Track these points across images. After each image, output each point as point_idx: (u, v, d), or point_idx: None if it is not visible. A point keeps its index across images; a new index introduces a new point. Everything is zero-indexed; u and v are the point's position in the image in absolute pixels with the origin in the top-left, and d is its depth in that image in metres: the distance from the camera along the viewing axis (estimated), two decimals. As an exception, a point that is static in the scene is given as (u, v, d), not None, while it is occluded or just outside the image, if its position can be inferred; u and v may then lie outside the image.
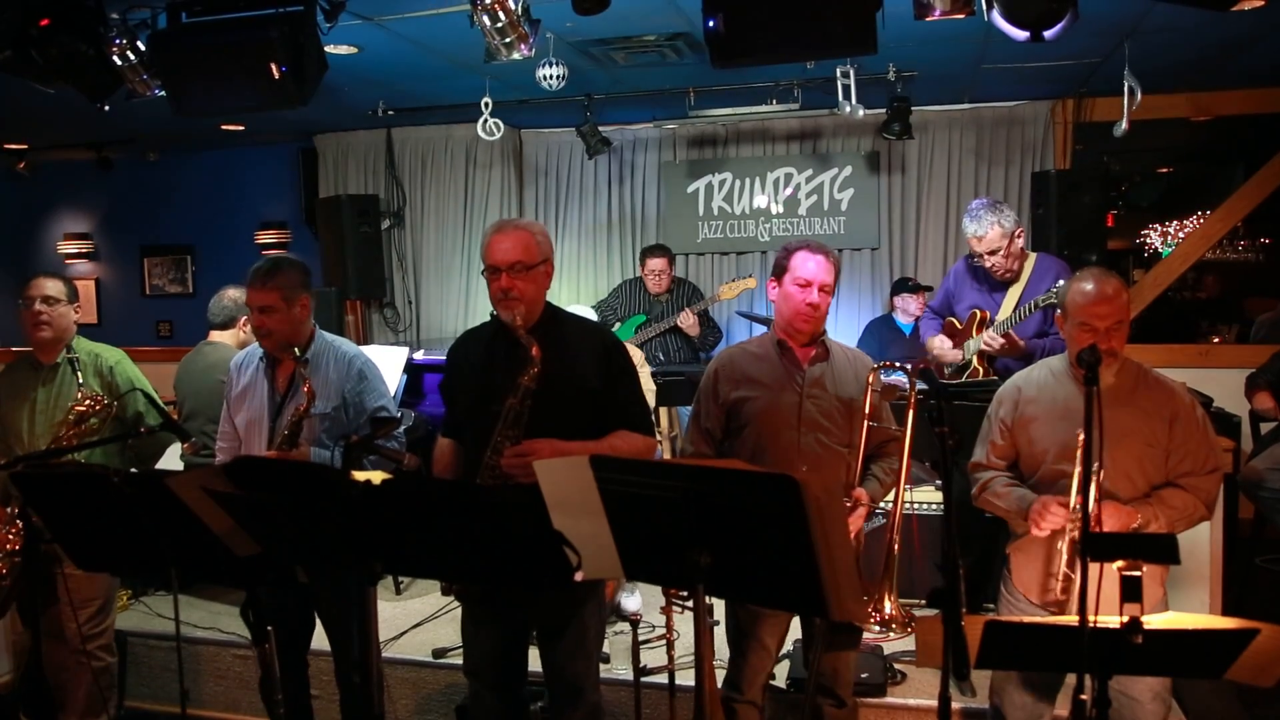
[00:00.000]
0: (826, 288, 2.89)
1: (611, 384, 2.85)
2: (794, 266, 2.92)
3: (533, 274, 2.78)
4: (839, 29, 3.46)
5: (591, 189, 7.46)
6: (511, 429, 2.71)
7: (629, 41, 5.04)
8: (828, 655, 2.96)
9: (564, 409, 2.77)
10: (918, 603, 4.35)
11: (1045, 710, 2.87)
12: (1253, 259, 12.63)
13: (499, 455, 2.69)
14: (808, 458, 2.88)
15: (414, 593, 4.84)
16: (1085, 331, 2.63)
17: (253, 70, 3.85)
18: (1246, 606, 4.72)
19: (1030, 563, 2.83)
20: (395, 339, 7.55)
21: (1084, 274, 2.74)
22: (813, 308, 2.87)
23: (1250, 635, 2.01)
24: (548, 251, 2.86)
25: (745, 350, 3.07)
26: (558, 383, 2.76)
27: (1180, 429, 2.68)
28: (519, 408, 2.70)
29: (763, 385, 2.93)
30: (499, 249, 2.78)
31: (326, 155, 7.76)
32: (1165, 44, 4.99)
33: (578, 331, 2.92)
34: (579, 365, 2.82)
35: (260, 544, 2.24)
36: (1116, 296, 2.63)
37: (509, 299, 2.75)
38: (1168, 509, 2.63)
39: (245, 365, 3.36)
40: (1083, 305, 2.65)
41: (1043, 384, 2.84)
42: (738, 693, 3.02)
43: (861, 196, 6.90)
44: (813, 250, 2.93)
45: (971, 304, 4.38)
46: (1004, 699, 2.88)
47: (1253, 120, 6.77)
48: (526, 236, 2.80)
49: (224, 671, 4.25)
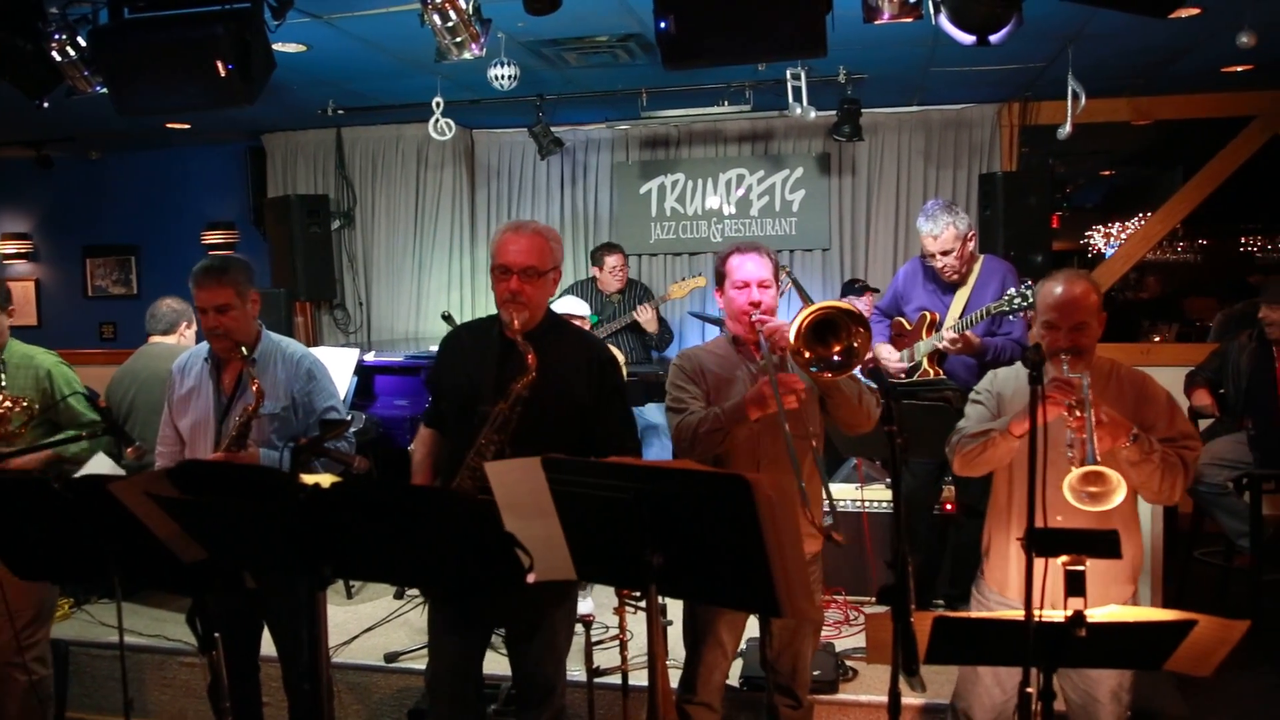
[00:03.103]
0: (766, 283, 2.90)
1: (602, 402, 2.85)
2: (731, 270, 2.94)
3: (542, 280, 2.78)
4: (789, 31, 3.48)
5: (544, 190, 7.43)
6: (498, 434, 2.69)
7: (581, 42, 5.03)
8: (786, 654, 2.98)
9: (551, 420, 2.76)
10: (868, 600, 4.42)
11: (1013, 709, 2.90)
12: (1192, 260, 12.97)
13: (483, 458, 2.67)
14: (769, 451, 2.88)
15: (365, 597, 4.80)
16: (1048, 329, 2.71)
17: (198, 68, 3.78)
18: (1185, 599, 4.84)
19: (1002, 561, 2.87)
20: (346, 340, 7.47)
21: (1056, 275, 2.81)
22: (755, 306, 2.87)
23: (1189, 627, 2.06)
24: (559, 259, 2.85)
25: (706, 351, 3.08)
26: (548, 393, 2.74)
27: (1149, 407, 2.76)
28: (508, 414, 2.69)
29: (726, 382, 2.94)
30: (513, 249, 2.75)
31: (275, 154, 7.65)
32: (1107, 49, 5.10)
33: (574, 344, 2.91)
34: (571, 378, 2.81)
35: (207, 549, 2.20)
36: (1084, 298, 2.70)
37: (516, 302, 2.73)
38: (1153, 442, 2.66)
39: (188, 368, 3.31)
40: (1049, 305, 2.73)
41: (1014, 378, 2.90)
42: (692, 694, 3.01)
43: (812, 198, 6.96)
44: (744, 251, 2.94)
45: (921, 305, 4.43)
46: (971, 702, 2.91)
47: (1191, 124, 6.94)
48: (542, 242, 2.78)
49: (170, 680, 4.18)
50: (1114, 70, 5.65)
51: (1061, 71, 5.21)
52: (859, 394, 2.82)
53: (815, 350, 2.65)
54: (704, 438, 2.79)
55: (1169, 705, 3.61)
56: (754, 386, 2.74)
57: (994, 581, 2.91)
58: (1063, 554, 2.17)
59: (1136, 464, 2.59)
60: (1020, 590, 2.79)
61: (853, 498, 4.50)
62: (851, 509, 4.46)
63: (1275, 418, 4.72)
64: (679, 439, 2.87)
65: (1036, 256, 5.83)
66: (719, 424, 2.77)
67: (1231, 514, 4.82)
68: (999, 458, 2.74)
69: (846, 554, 4.34)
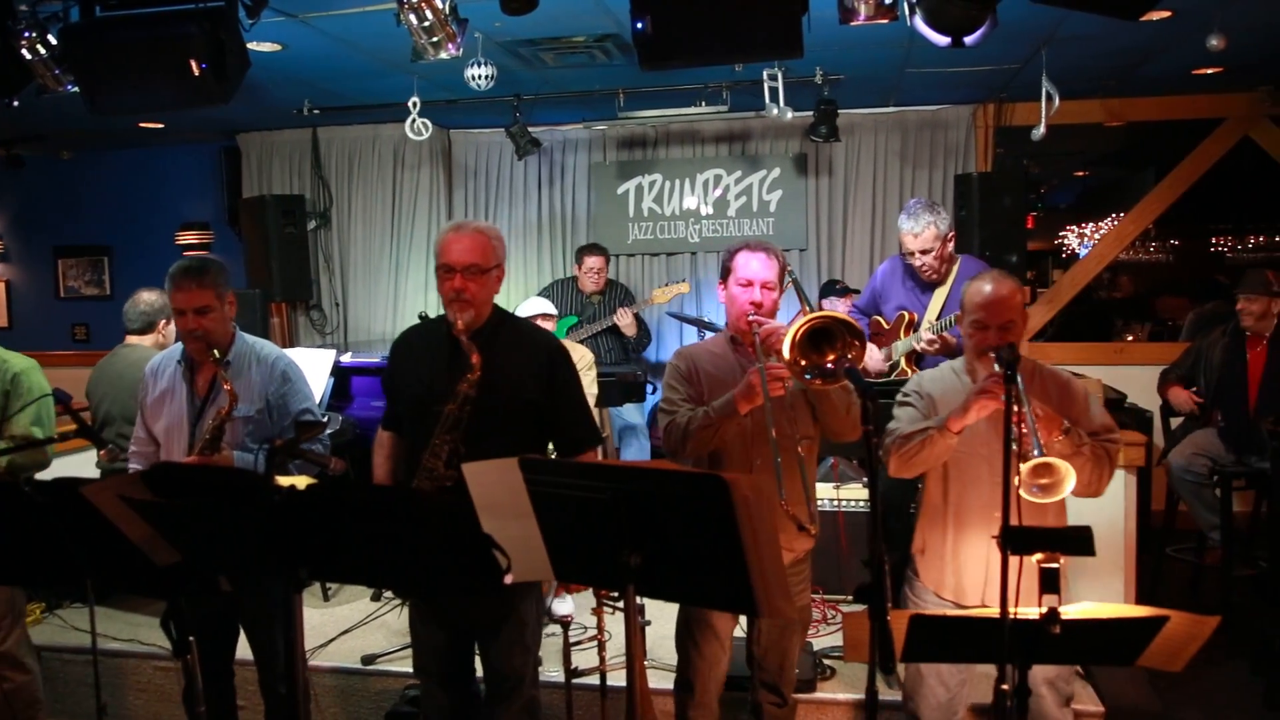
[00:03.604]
0: (770, 285, 2.90)
1: (553, 396, 2.87)
2: (736, 267, 2.94)
3: (485, 277, 2.82)
4: (765, 32, 3.49)
5: (521, 190, 7.42)
6: (449, 434, 2.73)
7: (558, 42, 5.03)
8: (774, 651, 2.98)
9: (504, 416, 2.80)
10: (845, 599, 4.44)
11: (960, 706, 2.94)
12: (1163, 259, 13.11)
13: (438, 459, 2.73)
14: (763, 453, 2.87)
15: (342, 599, 4.77)
16: (979, 329, 2.77)
17: (172, 67, 3.75)
18: (1159, 595, 4.90)
19: (939, 560, 2.90)
20: (322, 341, 7.42)
21: (982, 275, 2.88)
22: (756, 306, 2.88)
23: (1161, 623, 2.08)
24: (501, 256, 2.90)
25: (703, 349, 3.08)
26: (499, 392, 2.78)
27: (1072, 403, 2.83)
28: (458, 413, 2.73)
29: (722, 382, 2.93)
30: (455, 249, 2.80)
31: (250, 154, 7.59)
32: (1080, 51, 5.15)
33: (523, 339, 2.94)
34: (521, 373, 2.85)
35: (181, 552, 2.18)
36: (1011, 297, 2.75)
37: (460, 300, 2.77)
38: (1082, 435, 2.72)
39: (161, 369, 3.27)
40: (978, 304, 2.78)
41: (944, 379, 2.95)
42: (691, 695, 3.00)
43: (789, 198, 6.98)
44: (754, 249, 2.94)
45: (899, 304, 4.45)
46: (918, 700, 2.93)
47: (1162, 126, 7.02)
48: (483, 240, 2.83)
49: (144, 685, 4.14)
50: (1087, 72, 5.70)
51: (1035, 73, 5.25)
52: (849, 405, 2.83)
53: (810, 358, 2.66)
54: (695, 434, 2.80)
55: (1141, 700, 3.65)
56: (743, 379, 2.75)
57: (930, 581, 2.94)
58: (1037, 552, 2.18)
59: (1068, 457, 2.63)
60: (956, 590, 2.85)
61: (830, 497, 4.52)
62: (828, 508, 4.48)
63: (1244, 409, 4.81)
64: (668, 439, 2.89)
65: (1011, 256, 5.87)
66: (709, 420, 2.78)
67: (1208, 506, 4.89)
68: (936, 456, 2.77)
69: (823, 553, 4.35)
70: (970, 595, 2.85)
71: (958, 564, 2.86)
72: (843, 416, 2.84)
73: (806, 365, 2.65)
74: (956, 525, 2.86)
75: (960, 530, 2.85)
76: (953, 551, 2.87)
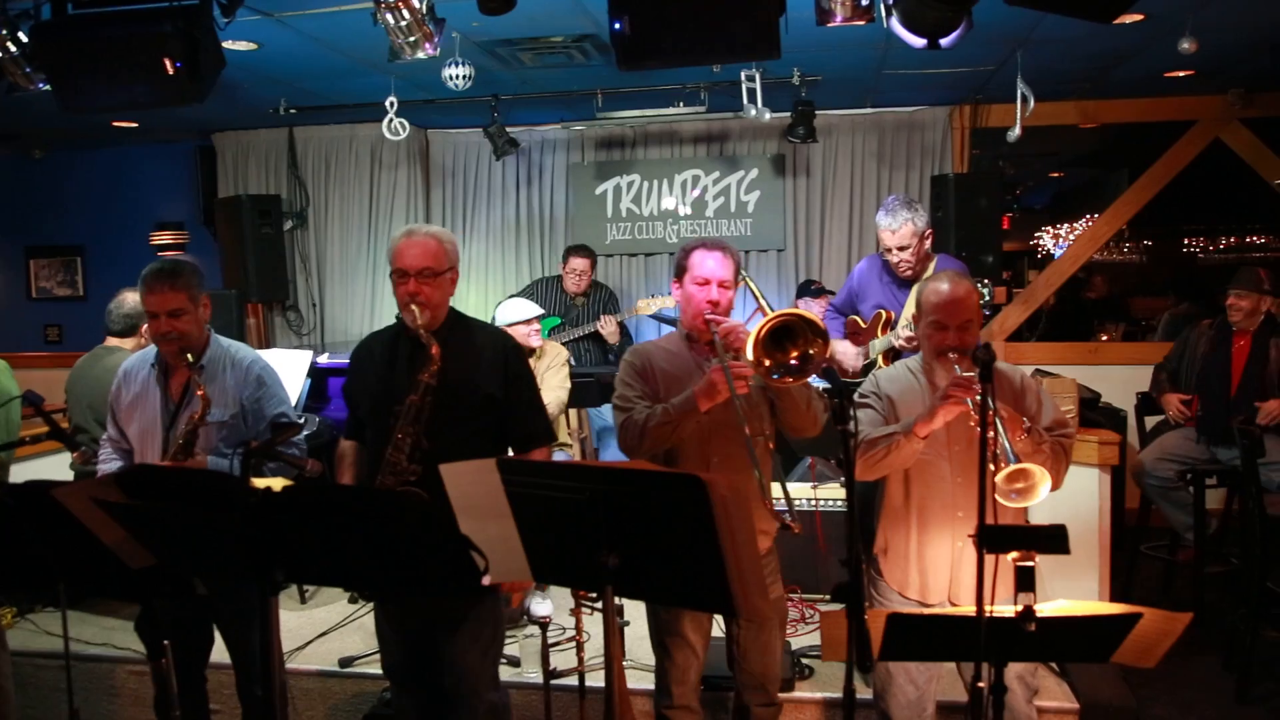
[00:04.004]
0: (726, 283, 2.89)
1: (510, 390, 2.94)
2: (692, 265, 2.93)
3: (439, 280, 2.87)
4: (743, 33, 3.50)
5: (499, 190, 7.40)
6: (411, 425, 2.79)
7: (536, 42, 5.02)
8: (754, 650, 2.96)
9: (463, 413, 2.86)
10: (823, 598, 4.45)
11: (929, 704, 2.96)
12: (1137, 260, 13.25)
13: (401, 452, 2.78)
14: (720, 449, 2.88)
15: (319, 601, 4.74)
16: (938, 329, 2.80)
17: (145, 65, 3.72)
18: (1133, 592, 4.94)
19: (902, 560, 2.92)
20: (299, 342, 7.38)
21: (938, 276, 2.92)
22: (713, 305, 2.87)
23: (1134, 619, 2.10)
24: (454, 259, 2.96)
25: (658, 347, 3.07)
26: (458, 387, 2.85)
27: (1026, 399, 2.87)
28: (419, 404, 2.79)
29: (677, 379, 2.93)
30: (408, 254, 2.85)
31: (225, 154, 7.54)
32: (1055, 53, 5.19)
33: (480, 337, 3.00)
34: (479, 370, 2.91)
35: (155, 555, 2.17)
36: (967, 297, 2.80)
37: (416, 302, 2.83)
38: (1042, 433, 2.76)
39: (135, 372, 3.25)
40: (935, 305, 2.81)
41: (901, 379, 2.97)
42: (669, 698, 2.98)
43: (767, 198, 7.00)
44: (709, 247, 2.94)
45: (877, 302, 4.47)
46: (888, 699, 2.95)
47: (1136, 128, 7.09)
48: (435, 244, 2.89)
49: (118, 689, 4.10)
50: (1061, 74, 5.75)
51: (1011, 75, 5.29)
52: (808, 399, 2.84)
53: (774, 357, 2.66)
54: (652, 432, 2.79)
55: (1116, 696, 3.68)
56: (704, 377, 2.74)
57: (894, 581, 2.95)
58: (1013, 550, 2.20)
59: (1029, 455, 2.66)
60: (921, 589, 2.87)
61: (807, 496, 4.53)
62: (806, 508, 4.49)
63: (1224, 397, 4.88)
64: (625, 436, 2.88)
65: (987, 257, 5.91)
66: (668, 417, 2.77)
67: (1178, 507, 4.95)
68: (903, 461, 2.79)
69: (801, 553, 4.37)
70: (934, 594, 2.87)
71: (922, 563, 2.88)
72: (803, 412, 2.85)
73: (771, 365, 2.66)
74: (919, 525, 2.88)
75: (923, 529, 2.86)
76: (916, 551, 2.88)
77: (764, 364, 2.64)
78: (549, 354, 5.04)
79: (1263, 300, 4.92)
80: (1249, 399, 4.81)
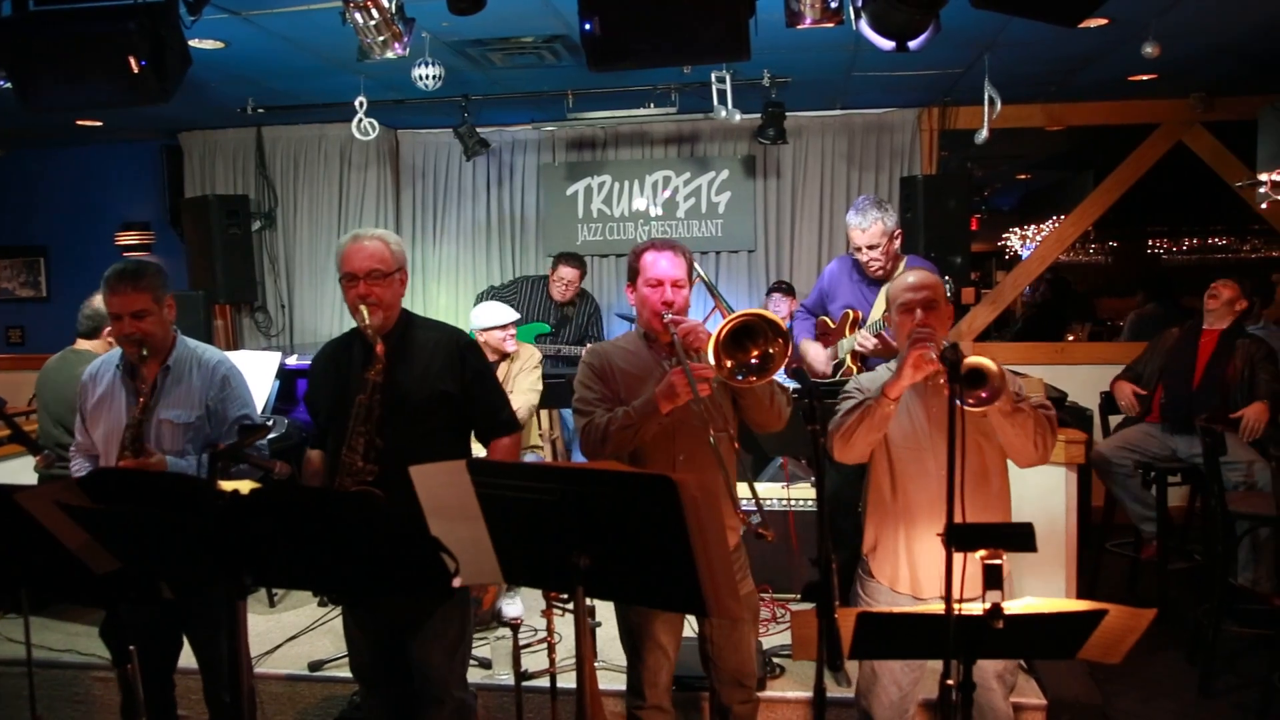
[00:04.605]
0: (680, 283, 2.89)
1: (469, 385, 2.95)
2: (644, 267, 2.93)
3: (388, 281, 2.90)
4: (713, 35, 3.50)
5: (470, 191, 7.37)
6: (363, 425, 2.80)
7: (506, 43, 5.01)
8: (728, 647, 2.96)
9: (417, 412, 2.88)
10: (794, 597, 4.48)
11: (911, 705, 2.98)
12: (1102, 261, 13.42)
13: (355, 452, 2.79)
14: (685, 447, 2.89)
15: (289, 605, 4.70)
16: (905, 313, 2.84)
17: (109, 63, 3.66)
18: (1098, 589, 5.00)
19: (892, 556, 2.93)
20: (267, 344, 7.31)
21: (904, 272, 3.01)
22: (668, 305, 2.86)
23: (1100, 616, 2.12)
24: (403, 260, 2.98)
25: (617, 347, 3.06)
26: (411, 386, 2.88)
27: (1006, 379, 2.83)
28: (368, 403, 2.80)
29: (637, 379, 2.93)
30: (355, 258, 2.89)
31: (192, 153, 7.46)
32: (1022, 57, 5.25)
33: (432, 335, 3.01)
34: (433, 369, 2.92)
35: (120, 560, 2.14)
36: (930, 281, 2.87)
37: (367, 304, 2.85)
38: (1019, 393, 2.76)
39: (100, 375, 3.21)
40: (901, 289, 2.88)
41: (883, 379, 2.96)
42: (641, 700, 2.98)
43: (738, 199, 7.02)
44: (659, 248, 2.93)
45: (846, 302, 4.49)
46: (871, 699, 2.97)
47: (1100, 130, 7.18)
48: (382, 247, 2.92)
49: (82, 696, 4.04)
50: (1028, 77, 5.81)
51: (978, 78, 5.34)
52: (771, 395, 2.85)
53: (735, 357, 2.67)
54: (614, 435, 2.78)
55: (1082, 692, 3.73)
56: (664, 379, 2.74)
57: (885, 577, 2.96)
58: (981, 548, 2.22)
59: (1010, 415, 2.66)
60: (912, 583, 2.89)
61: (778, 496, 4.55)
62: (777, 508, 4.51)
63: (1186, 387, 4.98)
64: (587, 440, 2.86)
65: (956, 258, 5.97)
66: (630, 420, 2.76)
67: (1135, 498, 5.04)
68: (876, 425, 2.78)
69: (772, 552, 4.38)
70: (927, 588, 2.87)
71: (912, 558, 2.89)
72: (767, 408, 2.86)
73: (734, 365, 2.66)
74: (907, 520, 2.89)
75: (911, 525, 2.87)
76: (906, 546, 2.89)
77: (725, 365, 2.65)
78: (522, 355, 5.02)
79: (1240, 300, 5.05)
80: (1209, 393, 4.90)
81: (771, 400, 2.85)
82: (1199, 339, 5.11)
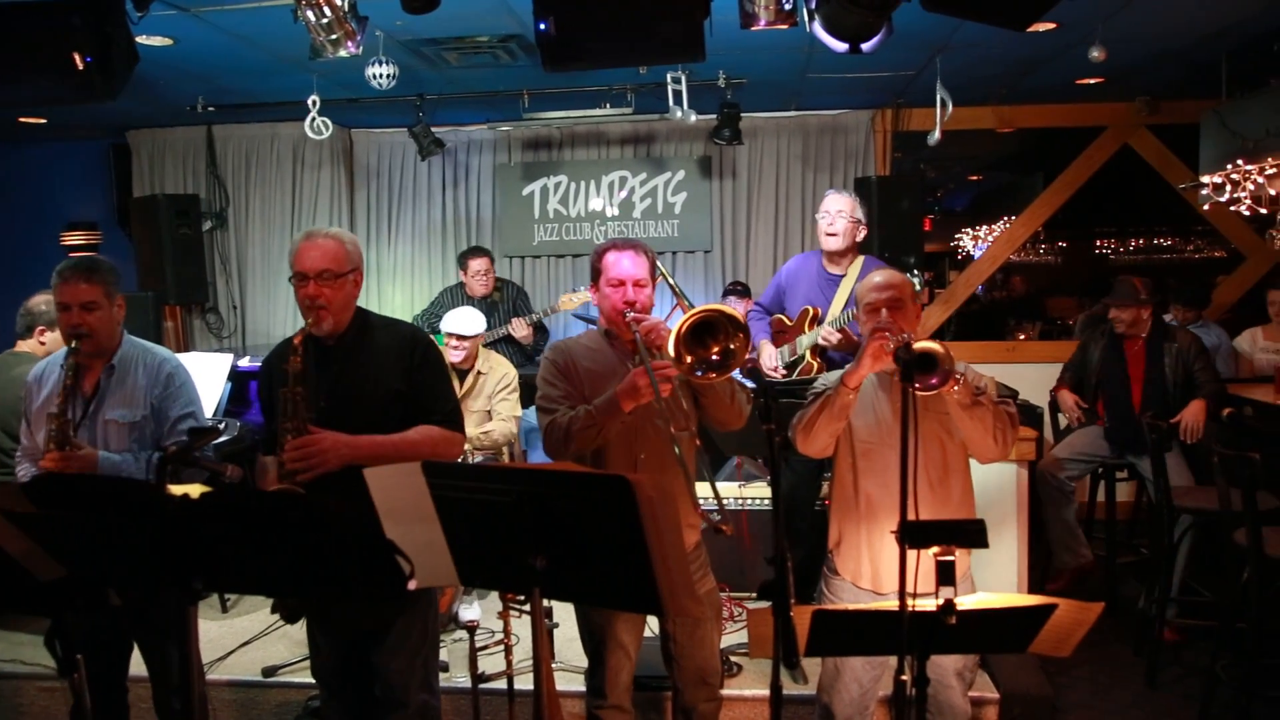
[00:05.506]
0: (642, 282, 2.89)
1: (410, 377, 2.88)
2: (606, 267, 2.93)
3: (341, 282, 2.83)
4: (668, 35, 3.52)
5: (425, 191, 7.32)
6: (291, 421, 2.73)
7: (461, 42, 4.98)
8: (691, 645, 2.96)
9: (369, 414, 2.82)
10: (750, 596, 4.50)
11: (871, 702, 3.01)
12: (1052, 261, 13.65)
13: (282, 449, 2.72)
14: (646, 446, 2.89)
15: (241, 610, 4.64)
16: (871, 312, 2.87)
17: (53, 60, 3.60)
18: (1048, 584, 5.08)
19: (855, 552, 2.96)
20: (219, 345, 7.20)
21: (872, 272, 3.05)
22: (630, 305, 2.86)
23: (1049, 610, 2.16)
24: (358, 260, 2.91)
25: (580, 344, 3.05)
26: (362, 387, 2.83)
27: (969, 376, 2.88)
28: (291, 396, 2.73)
29: (600, 377, 2.92)
30: (307, 257, 2.82)
31: (141, 152, 7.33)
32: (973, 59, 5.32)
33: (385, 336, 2.95)
34: (384, 367, 2.87)
35: (65, 566, 2.09)
36: (897, 280, 2.92)
37: (316, 306, 2.79)
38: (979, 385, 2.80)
39: (45, 376, 3.15)
40: (868, 289, 2.93)
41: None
42: (602, 699, 2.97)
43: (694, 200, 7.05)
44: (620, 248, 2.93)
45: (805, 299, 4.54)
46: (832, 696, 2.99)
47: (1050, 133, 7.31)
48: (336, 246, 2.85)
49: (27, 708, 3.95)
50: (979, 80, 5.90)
51: (931, 80, 5.41)
52: (732, 393, 2.87)
53: (696, 353, 2.68)
54: (577, 435, 2.78)
55: (1034, 685, 3.79)
56: (626, 378, 2.74)
57: (848, 573, 2.99)
58: (934, 545, 2.25)
59: (969, 407, 2.70)
60: (874, 579, 2.92)
61: (734, 495, 4.57)
62: (733, 506, 4.54)
63: (1128, 410, 4.99)
64: (549, 438, 2.85)
65: (909, 258, 6.02)
66: (592, 420, 2.76)
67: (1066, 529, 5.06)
68: (836, 415, 2.81)
69: (728, 551, 4.40)
70: (887, 583, 2.89)
71: (874, 553, 2.92)
72: (727, 405, 2.87)
73: (694, 361, 2.68)
74: (869, 516, 2.92)
75: (873, 520, 2.90)
76: (868, 541, 2.92)
77: (686, 360, 2.66)
78: (495, 372, 4.95)
79: (1142, 310, 4.98)
80: (1152, 403, 4.88)
81: (732, 398, 2.87)
82: (1125, 354, 5.06)
